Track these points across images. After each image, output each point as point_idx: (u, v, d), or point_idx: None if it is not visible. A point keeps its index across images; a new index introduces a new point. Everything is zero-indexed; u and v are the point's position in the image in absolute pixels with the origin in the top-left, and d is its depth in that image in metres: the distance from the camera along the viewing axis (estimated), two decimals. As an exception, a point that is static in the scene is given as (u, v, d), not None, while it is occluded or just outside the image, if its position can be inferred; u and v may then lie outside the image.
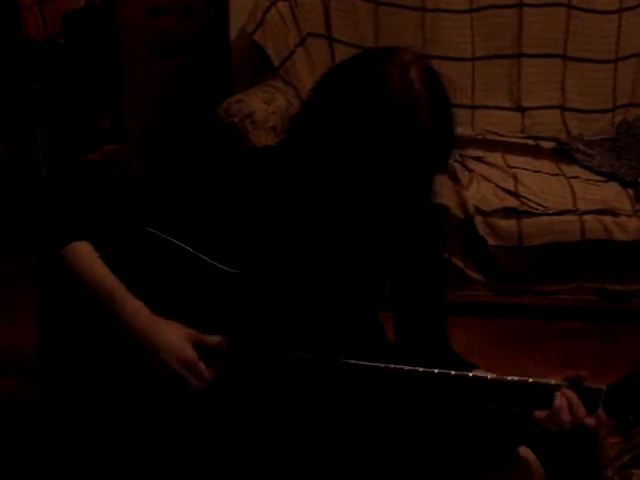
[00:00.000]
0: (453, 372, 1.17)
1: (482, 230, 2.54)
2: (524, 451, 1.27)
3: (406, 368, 1.18)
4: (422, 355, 1.31)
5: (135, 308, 1.22)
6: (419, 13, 3.11)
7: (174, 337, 1.21)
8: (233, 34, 3.39)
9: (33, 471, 1.71)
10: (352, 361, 1.20)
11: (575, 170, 2.75)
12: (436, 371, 1.17)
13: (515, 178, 2.65)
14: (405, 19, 3.12)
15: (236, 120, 2.53)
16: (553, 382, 1.17)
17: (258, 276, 1.26)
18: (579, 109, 3.14)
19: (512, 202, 2.55)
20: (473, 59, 3.13)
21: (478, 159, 2.80)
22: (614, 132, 3.10)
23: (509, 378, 1.17)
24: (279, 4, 3.04)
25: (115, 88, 3.47)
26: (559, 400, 1.14)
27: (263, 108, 2.64)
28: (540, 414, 1.15)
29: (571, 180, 2.65)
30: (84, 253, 1.23)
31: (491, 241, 2.54)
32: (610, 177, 2.69)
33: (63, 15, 4.51)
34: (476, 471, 1.28)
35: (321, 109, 1.17)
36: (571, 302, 2.63)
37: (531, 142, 3.04)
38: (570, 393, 1.15)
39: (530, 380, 1.17)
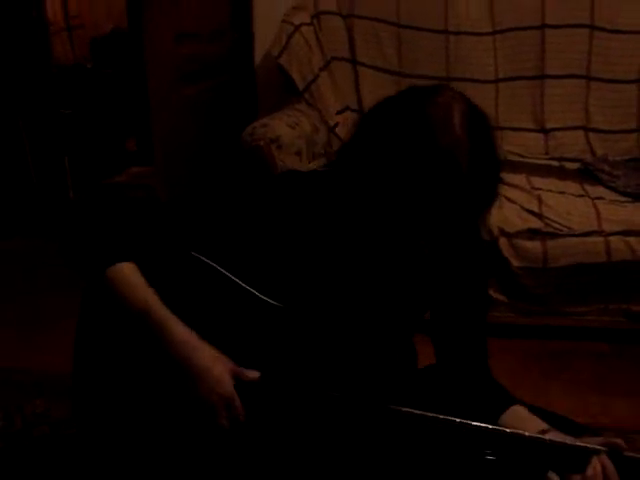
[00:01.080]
0: (490, 426, 1.15)
1: (506, 251, 2.54)
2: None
3: (450, 418, 1.16)
4: (461, 382, 1.30)
5: (183, 335, 1.20)
6: (442, 36, 3.13)
7: (218, 371, 1.20)
8: (258, 58, 3.43)
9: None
10: (398, 407, 1.18)
11: (600, 191, 2.74)
12: (473, 424, 1.15)
13: (539, 199, 2.64)
14: (428, 42, 3.14)
15: (262, 144, 2.56)
16: (592, 447, 1.13)
17: (299, 310, 1.26)
18: (603, 129, 3.13)
19: (536, 223, 2.55)
20: (497, 81, 3.14)
21: (502, 181, 2.79)
22: (639, 152, 3.09)
23: (548, 438, 1.14)
24: (303, 28, 3.08)
25: (142, 111, 3.52)
26: (594, 467, 1.11)
27: (289, 132, 2.66)
28: (576, 478, 1.12)
29: (596, 201, 2.65)
30: (130, 274, 1.22)
31: (515, 262, 2.54)
32: (635, 198, 2.67)
33: (91, 40, 4.60)
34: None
35: (366, 144, 1.19)
36: (597, 323, 2.62)
37: (555, 163, 3.04)
38: (607, 461, 1.12)
39: (569, 442, 1.13)
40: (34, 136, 3.72)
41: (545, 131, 3.15)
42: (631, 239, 2.49)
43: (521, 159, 3.06)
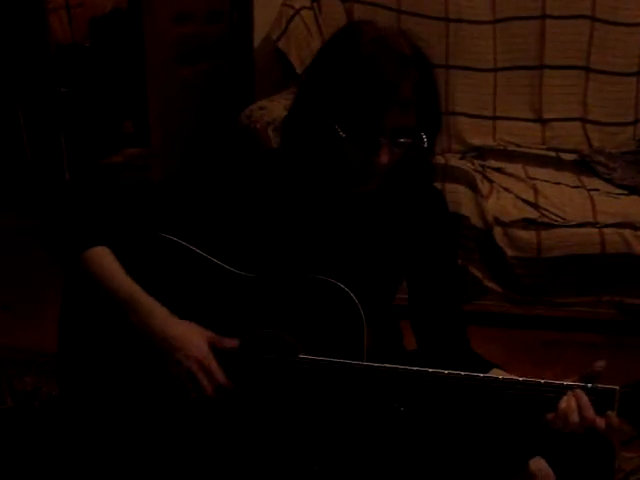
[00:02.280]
0: (463, 373, 1.17)
1: (501, 241, 2.54)
2: (537, 462, 1.25)
3: (414, 369, 1.18)
4: (443, 358, 1.31)
5: (153, 308, 1.23)
6: (442, 23, 3.12)
7: (192, 338, 1.23)
8: (257, 41, 3.42)
9: (50, 467, 1.73)
10: (361, 363, 1.20)
11: (596, 183, 2.75)
12: (445, 372, 1.17)
13: (535, 189, 2.65)
14: (428, 28, 3.12)
15: (258, 126, 2.55)
16: (565, 383, 1.15)
17: (271, 278, 1.28)
18: (601, 122, 3.13)
19: (532, 213, 2.55)
20: (495, 70, 3.13)
21: (498, 170, 2.80)
22: (636, 145, 3.09)
23: (521, 379, 1.16)
24: (303, 12, 3.07)
25: (139, 92, 3.50)
26: (566, 401, 1.13)
27: (285, 115, 2.65)
28: (549, 415, 1.14)
29: (592, 193, 2.65)
30: (103, 257, 1.26)
31: (510, 252, 2.54)
32: (631, 190, 2.68)
33: (90, 19, 4.57)
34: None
35: (303, 95, 1.26)
36: (590, 315, 2.63)
37: (552, 154, 3.04)
38: (580, 394, 1.13)
39: (542, 381, 1.15)
40: (30, 114, 3.71)
41: (543, 121, 3.14)
42: (625, 231, 2.50)
43: (518, 149, 3.06)
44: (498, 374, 1.24)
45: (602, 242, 2.50)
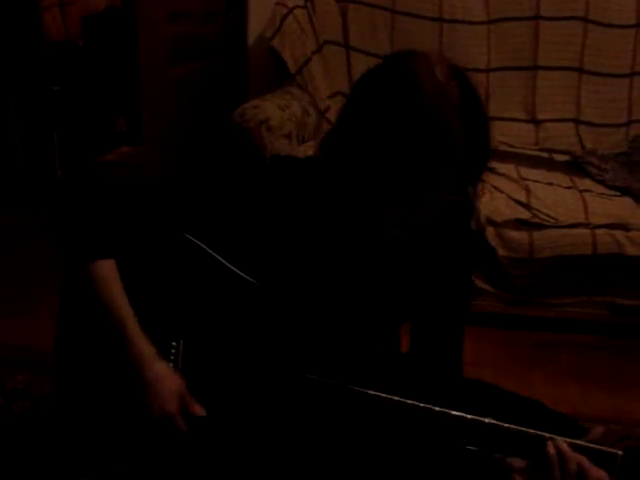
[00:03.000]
0: (454, 412, 1.16)
1: (493, 241, 2.55)
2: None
3: (410, 403, 1.17)
4: (430, 374, 1.31)
5: (141, 349, 1.23)
6: (436, 23, 3.12)
7: (166, 388, 1.22)
8: (251, 39, 3.42)
9: (43, 465, 1.73)
10: (367, 390, 1.19)
11: (588, 184, 2.75)
12: (437, 409, 1.16)
13: (528, 190, 2.65)
14: (422, 29, 3.13)
15: (251, 125, 2.55)
16: (569, 441, 1.13)
17: (281, 290, 1.27)
18: (594, 123, 3.14)
19: (524, 214, 2.55)
20: (488, 70, 3.14)
21: (491, 170, 2.80)
22: (628, 147, 3.10)
23: (506, 425, 1.14)
24: (297, 11, 3.06)
25: (132, 90, 3.50)
26: (548, 451, 1.12)
27: (279, 114, 2.65)
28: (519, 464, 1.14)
29: (584, 194, 2.66)
30: (107, 274, 1.25)
31: (501, 252, 2.55)
32: (623, 192, 2.69)
33: (83, 17, 4.55)
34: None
35: (352, 117, 1.15)
36: (581, 315, 2.63)
37: (545, 154, 3.05)
38: (563, 445, 1.11)
39: (546, 435, 1.13)
40: (23, 112, 3.69)
41: (536, 122, 3.15)
42: (617, 232, 2.50)
43: (511, 149, 3.06)
44: None
45: (594, 243, 2.51)
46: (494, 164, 2.83)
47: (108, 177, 4.02)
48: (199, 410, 1.23)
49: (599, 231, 2.51)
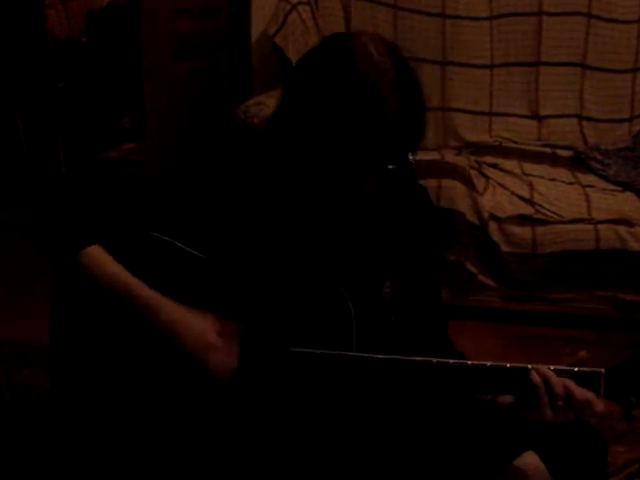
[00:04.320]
0: (434, 360, 1.17)
1: (496, 236, 2.55)
2: (529, 456, 1.26)
3: (387, 357, 1.19)
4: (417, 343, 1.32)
5: (158, 301, 1.23)
6: (439, 19, 3.12)
7: (199, 326, 1.23)
8: (254, 36, 3.42)
9: (46, 461, 1.74)
10: (347, 353, 1.20)
11: (591, 179, 2.76)
12: (418, 359, 1.17)
13: (531, 186, 2.66)
14: (425, 25, 3.13)
15: (255, 122, 2.56)
16: (552, 368, 1.16)
17: (261, 273, 1.28)
18: (596, 118, 3.14)
19: (527, 209, 2.56)
20: (492, 66, 3.14)
21: (494, 166, 2.81)
22: (631, 142, 3.10)
23: (488, 364, 1.17)
24: (300, 7, 3.07)
25: (136, 87, 3.50)
26: (533, 378, 1.15)
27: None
28: (545, 399, 1.14)
29: (587, 189, 2.66)
30: (99, 256, 1.25)
31: (505, 247, 2.56)
32: (626, 187, 2.69)
33: (87, 13, 4.56)
34: (480, 476, 1.28)
35: (294, 93, 1.21)
36: (584, 311, 2.64)
37: (548, 150, 3.05)
38: (547, 371, 1.15)
39: (529, 366, 1.16)
40: (27, 109, 3.71)
41: (539, 118, 3.15)
42: (620, 228, 2.51)
43: (514, 145, 3.07)
44: None
45: (596, 238, 2.51)
46: (497, 160, 2.85)
47: (108, 174, 4.03)
48: (235, 325, 1.24)
49: (602, 226, 2.52)
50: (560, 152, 3.04)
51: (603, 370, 1.15)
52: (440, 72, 3.11)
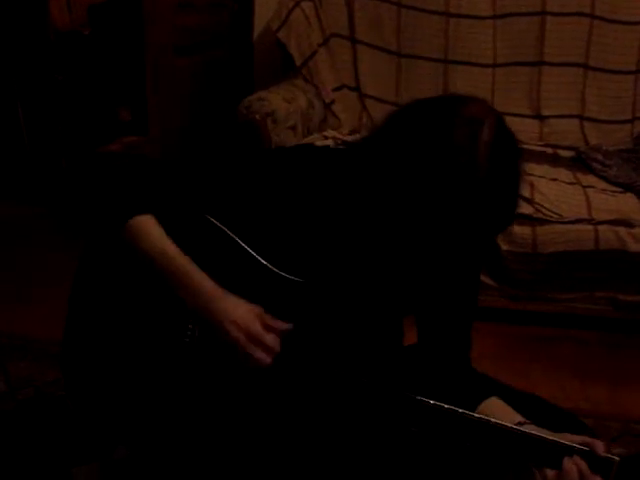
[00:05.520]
0: (476, 415, 1.16)
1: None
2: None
3: (432, 402, 1.17)
4: (439, 366, 1.31)
5: (201, 277, 1.21)
6: (442, 17, 3.12)
7: (242, 309, 1.20)
8: (257, 31, 3.42)
9: (45, 451, 1.74)
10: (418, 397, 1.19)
11: (592, 180, 2.76)
12: (460, 411, 1.16)
13: (531, 185, 2.65)
14: (428, 23, 3.13)
15: (257, 117, 2.56)
16: (568, 444, 1.13)
17: (313, 285, 1.27)
18: (598, 119, 3.14)
19: (527, 209, 2.56)
20: (494, 65, 3.14)
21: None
22: (632, 143, 3.10)
23: (527, 431, 1.15)
24: (303, 4, 3.07)
25: (137, 80, 3.50)
26: (568, 465, 1.11)
27: (284, 107, 2.66)
28: (549, 473, 1.13)
29: (587, 189, 2.66)
30: (149, 224, 1.22)
31: (505, 247, 2.55)
32: (626, 188, 2.69)
33: (89, 6, 4.54)
34: None
35: (387, 139, 1.14)
36: (583, 311, 2.64)
37: (549, 150, 3.05)
38: (581, 461, 1.12)
39: (548, 437, 1.14)
40: (29, 102, 3.70)
41: (540, 118, 3.15)
42: (620, 228, 2.51)
43: (515, 144, 3.06)
44: (496, 406, 1.24)
45: (596, 239, 2.51)
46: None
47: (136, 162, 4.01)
48: (283, 325, 1.21)
49: (602, 227, 2.52)
50: (561, 152, 3.03)
51: (617, 459, 1.12)
52: (442, 70, 3.11)
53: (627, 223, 2.52)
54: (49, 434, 1.77)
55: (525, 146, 3.05)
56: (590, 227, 2.52)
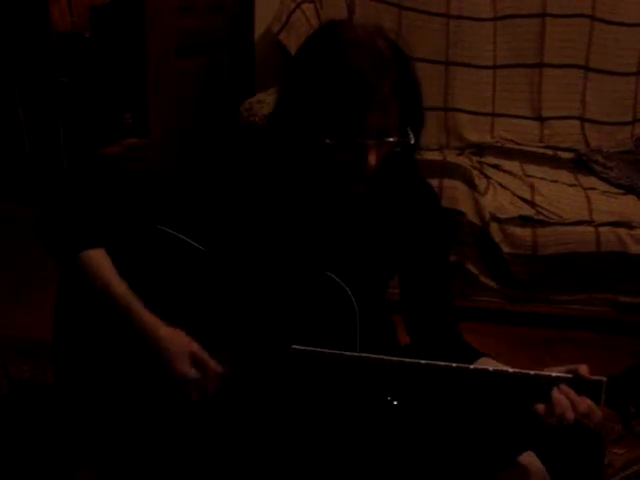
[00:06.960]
0: (454, 364, 1.17)
1: (497, 237, 2.56)
2: (529, 457, 1.26)
3: (407, 360, 1.18)
4: (435, 351, 1.31)
5: (147, 318, 1.24)
6: (443, 19, 3.12)
7: (176, 348, 1.24)
8: (257, 34, 3.42)
9: (46, 453, 1.74)
10: (354, 354, 1.20)
11: (592, 181, 2.76)
12: (440, 364, 1.17)
13: (532, 187, 2.66)
14: (428, 24, 3.13)
15: (257, 120, 2.56)
16: (554, 375, 1.16)
17: (265, 272, 1.29)
18: (599, 121, 3.15)
19: (528, 211, 2.56)
20: (495, 67, 3.14)
21: (496, 167, 2.82)
22: (633, 145, 3.11)
23: (511, 370, 1.17)
24: (304, 6, 3.07)
25: (139, 83, 3.51)
26: (557, 395, 1.14)
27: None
28: (540, 408, 1.15)
29: (588, 191, 2.66)
30: (99, 261, 1.27)
31: (506, 248, 2.56)
32: (627, 190, 2.69)
33: (91, 9, 4.56)
34: (479, 475, 1.28)
35: (288, 87, 1.26)
36: (584, 312, 2.64)
37: (549, 152, 3.05)
38: (569, 389, 1.15)
39: (532, 373, 1.16)
40: (30, 104, 3.71)
41: (541, 119, 3.16)
42: (621, 230, 2.51)
43: (516, 146, 3.07)
44: (488, 363, 1.26)
45: (597, 240, 2.52)
46: (499, 161, 2.85)
47: (111, 170, 4.02)
48: (215, 367, 1.24)
49: (602, 229, 2.52)
50: (562, 154, 3.04)
51: (605, 379, 1.16)
52: (443, 72, 3.11)
53: (628, 225, 2.52)
54: (51, 436, 1.77)
55: (525, 148, 3.06)
56: (591, 229, 2.52)
